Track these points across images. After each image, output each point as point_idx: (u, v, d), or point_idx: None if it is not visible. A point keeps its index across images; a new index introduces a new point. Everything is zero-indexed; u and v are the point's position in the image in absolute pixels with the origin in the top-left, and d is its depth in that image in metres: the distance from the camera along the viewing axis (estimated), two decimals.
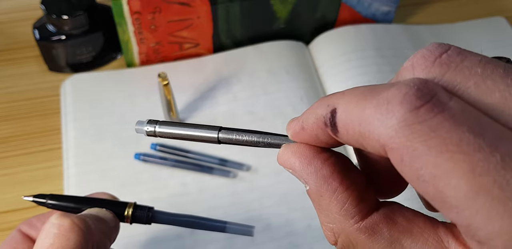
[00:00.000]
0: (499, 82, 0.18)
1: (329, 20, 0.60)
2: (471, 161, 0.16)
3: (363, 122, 0.18)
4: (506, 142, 0.16)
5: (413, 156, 0.17)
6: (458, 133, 0.16)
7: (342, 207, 0.21)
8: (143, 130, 0.28)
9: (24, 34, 0.61)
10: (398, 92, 0.17)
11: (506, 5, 0.66)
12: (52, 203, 0.32)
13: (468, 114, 0.17)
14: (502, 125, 0.17)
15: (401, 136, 0.17)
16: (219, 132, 0.25)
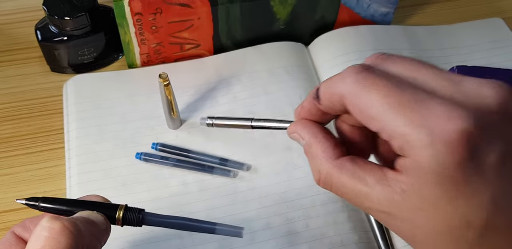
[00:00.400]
0: (409, 63, 0.30)
1: (328, 21, 0.61)
2: (388, 95, 0.27)
3: (332, 87, 0.30)
4: (407, 87, 0.28)
5: (358, 97, 0.28)
6: (383, 82, 0.28)
7: (324, 150, 0.31)
8: (204, 122, 0.45)
9: (26, 35, 0.62)
10: (351, 68, 0.29)
11: (504, 6, 0.67)
12: (44, 206, 0.32)
13: (389, 75, 0.29)
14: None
15: (352, 88, 0.28)
16: (252, 121, 0.39)
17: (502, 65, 0.58)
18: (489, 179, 0.26)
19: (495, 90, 0.27)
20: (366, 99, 0.28)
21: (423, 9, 0.66)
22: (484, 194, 0.26)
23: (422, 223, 0.28)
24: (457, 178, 0.26)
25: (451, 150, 0.26)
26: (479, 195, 0.26)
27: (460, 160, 0.26)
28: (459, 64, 0.57)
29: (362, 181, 0.29)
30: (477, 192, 0.26)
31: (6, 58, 0.60)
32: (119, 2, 0.52)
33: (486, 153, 0.26)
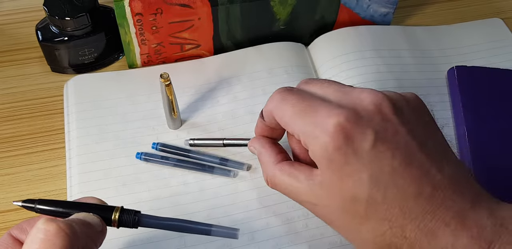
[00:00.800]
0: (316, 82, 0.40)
1: (328, 21, 0.61)
2: (294, 105, 0.38)
3: (267, 106, 0.40)
4: (308, 98, 0.38)
5: (278, 109, 0.38)
6: (293, 96, 0.38)
7: (269, 156, 0.41)
8: (187, 143, 0.51)
9: (27, 35, 0.62)
10: (278, 90, 0.40)
11: (503, 6, 0.67)
12: (40, 208, 0.32)
13: (302, 91, 0.39)
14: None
15: (275, 103, 0.39)
16: (223, 140, 0.50)
17: (502, 65, 0.59)
18: (365, 161, 0.34)
19: (371, 94, 0.36)
20: (282, 109, 0.38)
21: (423, 10, 0.67)
22: (363, 173, 0.34)
23: (329, 203, 0.36)
24: (339, 160, 0.34)
25: (331, 138, 0.34)
26: (359, 173, 0.34)
27: (338, 145, 0.34)
28: (458, 64, 0.57)
29: (295, 178, 0.38)
30: (357, 171, 0.34)
31: (6, 58, 0.60)
32: (119, 3, 0.52)
33: (360, 140, 0.34)
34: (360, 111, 0.35)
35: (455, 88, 0.55)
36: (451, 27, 0.63)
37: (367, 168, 0.34)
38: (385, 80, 0.56)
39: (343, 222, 0.36)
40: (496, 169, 0.50)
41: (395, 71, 0.57)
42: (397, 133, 0.35)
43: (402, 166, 0.34)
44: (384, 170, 0.34)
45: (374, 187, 0.34)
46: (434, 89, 0.57)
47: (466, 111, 0.53)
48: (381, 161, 0.34)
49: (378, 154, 0.34)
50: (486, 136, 0.52)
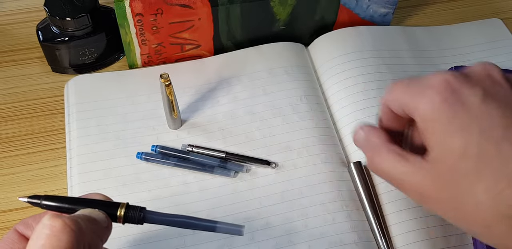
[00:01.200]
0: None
1: (328, 22, 0.61)
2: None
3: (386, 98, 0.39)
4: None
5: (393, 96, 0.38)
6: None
7: (379, 136, 0.39)
8: (186, 147, 0.51)
9: (28, 35, 0.62)
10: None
11: (503, 7, 0.67)
12: (46, 204, 0.32)
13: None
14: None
15: (390, 95, 0.39)
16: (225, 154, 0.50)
17: (501, 65, 0.58)
18: (475, 114, 0.32)
19: (482, 63, 0.37)
20: (394, 90, 0.38)
21: (422, 10, 0.67)
22: (473, 125, 0.32)
23: (439, 171, 0.34)
24: (447, 113, 0.33)
25: (436, 92, 0.33)
26: (469, 126, 0.32)
27: (445, 97, 0.33)
28: (458, 65, 0.57)
29: (404, 158, 0.36)
30: (467, 124, 0.32)
31: (7, 58, 0.60)
32: (120, 3, 0.52)
33: (468, 95, 0.33)
34: (469, 73, 0.35)
35: None
36: (450, 27, 0.63)
37: (477, 121, 0.32)
38: (385, 80, 0.56)
39: (454, 186, 0.33)
40: None
41: (395, 71, 0.57)
42: (507, 95, 0.34)
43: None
44: (496, 125, 0.32)
45: (486, 140, 0.32)
46: None
47: None
48: (492, 117, 0.32)
49: (488, 110, 0.32)
50: None
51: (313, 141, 0.52)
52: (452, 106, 0.33)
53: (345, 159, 0.52)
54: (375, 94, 0.54)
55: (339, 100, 0.55)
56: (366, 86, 0.55)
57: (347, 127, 0.53)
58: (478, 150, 0.32)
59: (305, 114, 0.54)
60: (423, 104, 0.34)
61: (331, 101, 0.56)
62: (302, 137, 0.52)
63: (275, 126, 0.53)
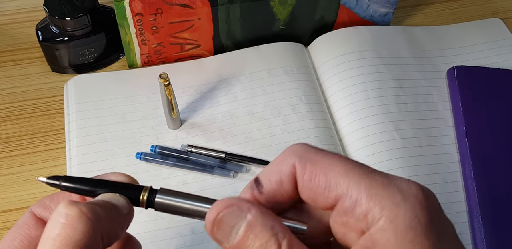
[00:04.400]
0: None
1: (328, 22, 0.61)
2: (348, 162, 0.26)
3: (278, 164, 0.28)
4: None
5: (316, 161, 0.27)
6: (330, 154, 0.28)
7: (269, 220, 0.27)
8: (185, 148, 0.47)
9: (27, 35, 0.62)
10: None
11: (503, 6, 0.67)
12: (65, 185, 0.30)
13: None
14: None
15: (306, 153, 0.27)
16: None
17: (501, 65, 0.59)
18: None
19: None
20: (326, 162, 0.26)
21: (422, 10, 0.67)
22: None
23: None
24: (431, 235, 0.25)
25: (422, 206, 0.25)
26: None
27: (429, 214, 0.25)
28: (458, 64, 0.57)
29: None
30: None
31: (7, 58, 0.60)
32: (119, 3, 0.52)
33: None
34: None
35: (455, 88, 0.55)
36: (450, 27, 0.63)
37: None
38: (385, 80, 0.56)
39: None
40: (495, 169, 0.50)
41: (395, 71, 0.57)
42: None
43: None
44: None
45: None
46: (434, 89, 0.57)
47: (465, 111, 0.53)
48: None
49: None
50: (486, 135, 0.52)
51: (312, 141, 0.52)
52: (435, 226, 0.25)
53: None
54: (374, 94, 0.54)
55: (339, 100, 0.55)
56: (366, 86, 0.55)
57: (347, 127, 0.53)
58: None
59: (305, 114, 0.54)
60: (405, 211, 0.25)
61: (331, 101, 0.56)
62: (302, 137, 0.52)
63: (274, 126, 0.53)
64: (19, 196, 0.50)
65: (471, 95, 0.55)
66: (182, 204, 0.29)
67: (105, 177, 0.31)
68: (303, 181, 0.26)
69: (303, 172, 0.26)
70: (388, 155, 0.50)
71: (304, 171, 0.26)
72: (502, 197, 0.48)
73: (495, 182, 0.49)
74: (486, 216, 0.47)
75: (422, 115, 0.54)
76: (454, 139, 0.53)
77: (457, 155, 0.52)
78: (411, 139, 0.52)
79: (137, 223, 0.47)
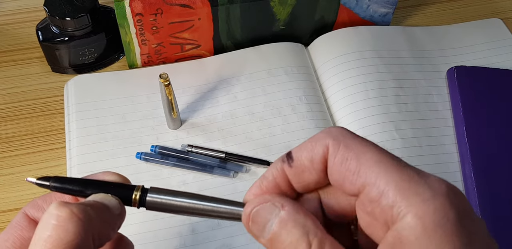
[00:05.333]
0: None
1: (328, 22, 0.61)
2: (382, 152, 0.26)
3: (313, 140, 0.28)
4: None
5: (349, 145, 0.26)
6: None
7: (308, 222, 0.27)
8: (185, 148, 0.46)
9: (28, 35, 0.62)
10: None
11: (503, 6, 0.67)
12: (55, 185, 0.30)
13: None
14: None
15: (341, 137, 0.27)
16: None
17: (501, 65, 0.59)
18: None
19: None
20: (360, 148, 0.26)
21: (422, 10, 0.67)
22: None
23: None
24: (461, 233, 0.24)
25: (452, 205, 0.24)
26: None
27: (458, 212, 0.24)
28: (458, 64, 0.57)
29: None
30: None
31: (7, 58, 0.60)
32: (120, 3, 0.52)
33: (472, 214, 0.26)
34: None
35: (455, 88, 0.55)
36: (450, 27, 0.63)
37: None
38: (385, 80, 0.56)
39: None
40: (495, 168, 0.50)
41: (394, 71, 0.57)
42: None
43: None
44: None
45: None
46: (434, 89, 0.57)
47: (465, 111, 0.53)
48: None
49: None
50: (486, 135, 0.52)
51: None
52: (465, 223, 0.25)
53: None
54: (374, 94, 0.54)
55: (339, 100, 0.55)
56: (366, 86, 0.55)
57: (347, 127, 0.53)
58: None
59: (305, 114, 0.54)
60: (433, 208, 0.24)
61: (331, 101, 0.56)
62: (302, 137, 0.52)
63: (274, 126, 0.53)
64: (19, 196, 0.50)
65: (471, 95, 0.55)
66: (173, 202, 0.29)
67: (96, 177, 0.31)
68: (333, 163, 0.26)
69: (335, 154, 0.26)
70: None
71: (336, 153, 0.26)
72: (502, 197, 0.48)
73: (495, 182, 0.49)
74: (486, 216, 0.47)
75: (422, 115, 0.54)
76: (454, 139, 0.53)
77: (457, 155, 0.52)
78: (411, 139, 0.52)
79: (137, 224, 0.47)
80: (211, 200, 0.29)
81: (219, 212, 0.29)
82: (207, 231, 0.47)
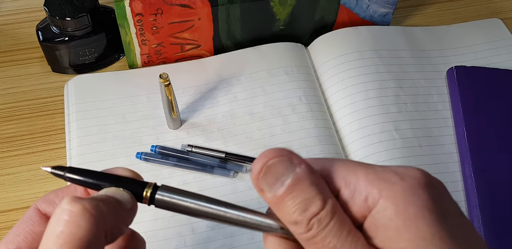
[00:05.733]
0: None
1: (328, 22, 0.61)
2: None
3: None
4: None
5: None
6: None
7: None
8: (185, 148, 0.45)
9: (28, 35, 0.62)
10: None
11: (503, 7, 0.67)
12: (70, 176, 0.29)
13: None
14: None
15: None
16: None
17: (501, 66, 0.59)
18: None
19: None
20: (323, 160, 0.27)
21: (422, 10, 0.67)
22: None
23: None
24: (434, 209, 0.25)
25: (421, 184, 0.25)
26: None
27: (431, 191, 0.25)
28: (458, 65, 0.57)
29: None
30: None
31: (7, 58, 0.60)
32: (120, 3, 0.52)
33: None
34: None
35: (455, 88, 0.55)
36: (450, 27, 0.63)
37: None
38: (385, 80, 0.56)
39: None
40: (495, 169, 0.50)
41: (394, 71, 0.57)
42: None
43: None
44: None
45: None
46: (434, 89, 0.57)
47: (465, 111, 0.53)
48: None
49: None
50: (486, 135, 0.52)
51: (312, 141, 0.52)
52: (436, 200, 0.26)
53: None
54: (374, 94, 0.54)
55: (339, 100, 0.55)
56: (365, 86, 0.55)
57: (347, 127, 0.53)
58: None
59: (305, 114, 0.54)
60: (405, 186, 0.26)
61: (331, 101, 0.56)
62: (302, 137, 0.52)
63: (274, 126, 0.53)
64: (19, 196, 0.50)
65: (471, 95, 0.55)
66: (183, 202, 0.29)
67: (110, 171, 0.30)
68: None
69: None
70: (388, 155, 0.50)
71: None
72: (502, 197, 0.48)
73: (495, 182, 0.49)
74: (486, 216, 0.47)
75: (422, 115, 0.54)
76: (454, 139, 0.53)
77: (457, 155, 0.52)
78: (411, 139, 0.52)
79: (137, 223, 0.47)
80: (220, 204, 0.28)
81: (225, 217, 0.28)
82: (207, 231, 0.47)
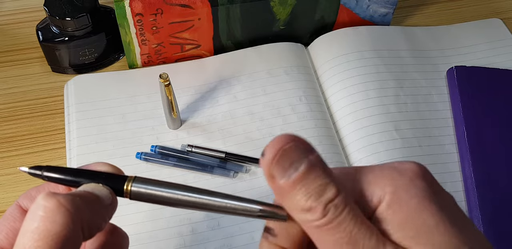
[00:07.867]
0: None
1: (328, 22, 0.61)
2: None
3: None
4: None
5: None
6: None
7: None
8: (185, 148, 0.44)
9: (28, 35, 0.62)
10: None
11: (503, 7, 0.67)
12: (48, 175, 0.29)
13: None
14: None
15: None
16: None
17: (501, 66, 0.59)
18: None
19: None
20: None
21: (422, 10, 0.67)
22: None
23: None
24: (434, 200, 0.26)
25: (419, 176, 0.26)
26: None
27: (428, 183, 0.26)
28: (458, 65, 0.57)
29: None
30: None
31: (7, 58, 0.60)
32: (120, 3, 0.52)
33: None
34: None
35: (455, 88, 0.55)
36: (450, 27, 0.63)
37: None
38: (385, 80, 0.56)
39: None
40: (495, 168, 0.50)
41: (394, 71, 0.57)
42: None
43: None
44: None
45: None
46: (434, 89, 0.57)
47: (465, 111, 0.53)
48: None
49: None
50: (486, 135, 0.52)
51: (312, 142, 0.52)
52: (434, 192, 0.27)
53: (344, 160, 0.52)
54: (374, 95, 0.54)
55: (339, 100, 0.55)
56: (365, 86, 0.55)
57: (347, 127, 0.53)
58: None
59: (305, 114, 0.54)
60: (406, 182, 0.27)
61: (331, 101, 0.56)
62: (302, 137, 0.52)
63: (274, 126, 0.53)
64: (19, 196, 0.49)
65: (471, 95, 0.55)
66: (159, 192, 0.28)
67: (89, 167, 0.30)
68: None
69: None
70: (388, 155, 0.50)
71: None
72: (502, 197, 0.48)
73: (495, 182, 0.49)
74: (486, 216, 0.47)
75: (422, 115, 0.54)
76: (454, 139, 0.53)
77: (457, 155, 0.52)
78: (411, 139, 0.52)
79: (137, 223, 0.47)
80: (196, 191, 0.28)
81: (203, 203, 0.28)
82: (207, 231, 0.47)
